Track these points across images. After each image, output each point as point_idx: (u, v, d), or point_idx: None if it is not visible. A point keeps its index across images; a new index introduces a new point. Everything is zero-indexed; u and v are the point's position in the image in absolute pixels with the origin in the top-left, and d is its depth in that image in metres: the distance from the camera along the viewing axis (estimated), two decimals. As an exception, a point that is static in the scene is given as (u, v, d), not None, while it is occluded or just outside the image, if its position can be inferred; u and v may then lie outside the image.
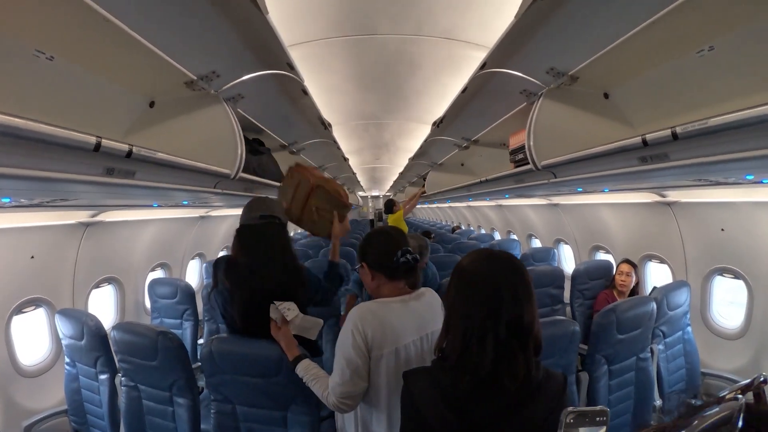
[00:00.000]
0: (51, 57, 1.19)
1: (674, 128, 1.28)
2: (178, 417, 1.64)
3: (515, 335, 0.83)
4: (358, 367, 1.14)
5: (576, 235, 4.07)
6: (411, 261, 1.23)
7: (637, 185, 2.09)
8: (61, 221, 2.38)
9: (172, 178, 1.44)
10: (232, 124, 1.72)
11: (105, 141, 0.97)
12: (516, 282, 0.85)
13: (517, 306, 0.83)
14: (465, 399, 0.83)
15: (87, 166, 1.07)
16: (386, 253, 1.23)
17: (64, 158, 1.00)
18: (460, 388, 0.83)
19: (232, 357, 1.42)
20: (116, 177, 1.15)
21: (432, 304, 1.28)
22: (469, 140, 3.12)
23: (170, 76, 1.58)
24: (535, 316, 0.86)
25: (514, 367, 0.82)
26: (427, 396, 0.85)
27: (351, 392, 1.15)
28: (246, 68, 1.72)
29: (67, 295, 2.52)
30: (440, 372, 0.86)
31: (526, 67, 1.89)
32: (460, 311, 0.87)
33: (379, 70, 2.59)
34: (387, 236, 1.28)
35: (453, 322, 0.88)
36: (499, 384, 0.82)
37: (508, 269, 0.87)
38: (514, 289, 0.84)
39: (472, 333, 0.83)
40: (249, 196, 2.42)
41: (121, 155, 1.05)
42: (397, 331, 1.17)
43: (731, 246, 2.44)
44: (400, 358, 1.17)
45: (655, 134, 1.37)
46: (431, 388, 0.85)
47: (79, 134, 0.92)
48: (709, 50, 1.30)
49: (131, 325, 1.75)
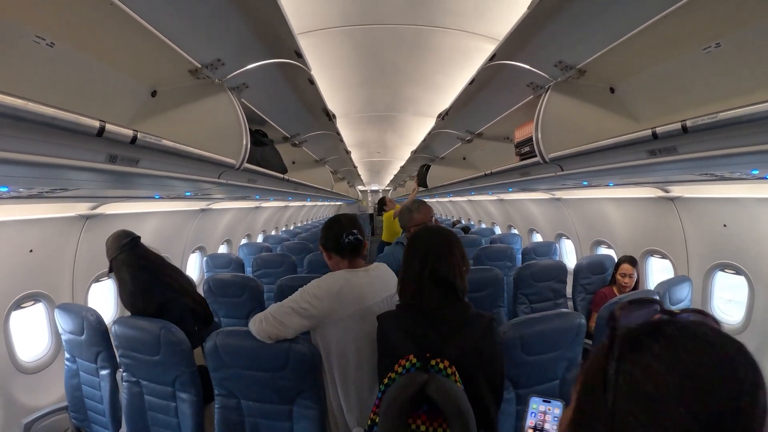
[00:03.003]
0: (51, 43, 1.15)
1: (684, 122, 1.27)
2: (181, 413, 1.63)
3: (436, 280, 1.19)
4: (296, 319, 1.38)
5: (578, 229, 4.07)
6: (354, 241, 1.51)
7: (644, 179, 2.08)
8: (60, 214, 2.34)
9: (177, 167, 1.41)
10: (237, 113, 1.68)
11: (109, 125, 0.94)
12: (438, 245, 1.23)
13: (437, 261, 1.20)
14: (416, 328, 1.17)
15: (89, 152, 1.03)
16: (336, 236, 1.51)
17: (66, 143, 0.96)
18: (412, 320, 1.19)
19: (238, 351, 1.41)
20: (119, 164, 1.11)
21: (384, 276, 1.56)
22: (473, 133, 3.10)
23: (174, 63, 1.54)
24: (453, 268, 1.21)
25: (429, 300, 1.18)
26: (393, 329, 1.20)
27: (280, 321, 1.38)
28: (252, 56, 1.68)
29: (67, 290, 2.49)
30: (400, 310, 1.24)
31: (535, 59, 1.87)
32: (407, 266, 1.24)
33: (387, 61, 2.54)
34: (337, 223, 1.54)
35: (404, 274, 1.25)
36: (438, 316, 1.17)
37: (435, 237, 1.26)
38: (435, 250, 1.21)
39: (413, 280, 1.21)
40: (253, 188, 2.39)
41: (126, 141, 1.01)
42: (363, 294, 1.44)
43: (733, 242, 2.44)
44: (365, 320, 1.40)
45: (665, 127, 1.36)
46: (395, 322, 1.21)
47: (82, 117, 0.88)
48: (716, 47, 1.30)
49: (133, 320, 1.72)
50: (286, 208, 7.88)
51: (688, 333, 0.41)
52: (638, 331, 0.43)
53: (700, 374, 0.38)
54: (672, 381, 0.38)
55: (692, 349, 0.39)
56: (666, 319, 0.44)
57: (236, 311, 2.70)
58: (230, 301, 2.74)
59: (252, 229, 6.10)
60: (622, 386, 0.40)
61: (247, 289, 2.74)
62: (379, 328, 1.25)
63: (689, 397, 0.37)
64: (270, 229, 7.31)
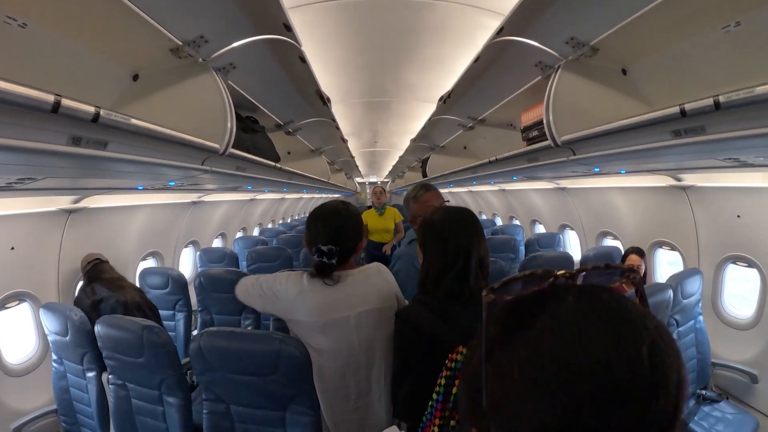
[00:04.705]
0: (24, 24, 1.03)
1: (717, 97, 1.17)
2: (169, 417, 1.53)
3: (478, 262, 1.13)
4: (257, 293, 1.32)
5: (583, 220, 3.96)
6: (326, 259, 1.24)
7: (662, 164, 1.97)
8: (41, 208, 2.22)
9: (152, 151, 1.27)
10: (222, 94, 1.54)
11: (66, 101, 0.80)
12: (471, 224, 1.16)
13: (477, 243, 1.14)
14: (456, 316, 1.07)
15: (49, 133, 0.90)
16: (310, 243, 1.30)
17: (21, 123, 0.83)
18: (451, 308, 1.09)
19: (224, 353, 1.29)
20: (84, 147, 0.97)
21: (370, 286, 1.31)
22: (476, 119, 2.96)
23: (154, 41, 1.40)
24: (481, 249, 1.15)
25: (475, 284, 1.11)
26: (422, 314, 1.10)
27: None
28: (238, 33, 1.54)
29: (53, 288, 2.38)
30: (426, 297, 1.13)
31: (545, 36, 1.76)
32: (439, 252, 1.14)
33: (385, 40, 2.39)
34: (315, 223, 1.31)
35: (438, 261, 1.13)
36: (468, 297, 1.09)
37: (464, 216, 1.18)
38: (469, 231, 1.14)
39: (447, 266, 1.11)
40: (243, 177, 2.25)
41: (87, 119, 0.88)
42: (324, 308, 1.25)
43: (746, 233, 2.36)
44: (331, 332, 1.25)
45: (695, 104, 1.25)
46: (424, 309, 1.11)
47: (33, 91, 0.75)
48: (736, 26, 1.23)
49: (116, 319, 1.61)
50: (282, 200, 7.75)
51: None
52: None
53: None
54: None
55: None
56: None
57: (229, 307, 2.59)
58: (223, 296, 2.63)
59: (247, 222, 5.98)
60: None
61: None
62: (406, 327, 1.13)
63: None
64: (266, 222, 7.19)
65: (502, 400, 0.33)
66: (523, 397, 0.31)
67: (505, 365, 0.33)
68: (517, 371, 0.32)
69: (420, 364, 1.07)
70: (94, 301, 2.07)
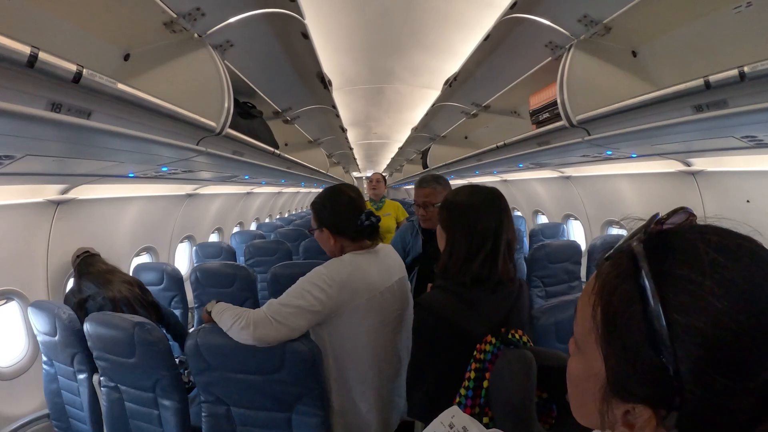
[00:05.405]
0: None
1: (741, 67, 1.15)
2: (165, 421, 1.42)
3: (507, 247, 1.05)
4: (306, 318, 1.16)
5: (588, 209, 3.89)
6: (375, 222, 1.29)
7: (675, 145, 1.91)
8: (26, 199, 2.09)
9: (142, 126, 1.15)
10: (219, 71, 1.44)
11: (44, 54, 0.69)
12: (500, 204, 1.08)
13: (507, 225, 1.06)
14: (482, 304, 1.02)
15: (26, 96, 0.79)
16: (349, 219, 1.27)
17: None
18: (477, 295, 1.02)
19: (223, 351, 1.20)
20: (65, 114, 0.87)
21: (393, 256, 1.40)
22: (480, 106, 2.87)
23: (147, 14, 1.30)
24: (509, 229, 1.07)
25: (504, 269, 1.05)
26: (446, 302, 1.01)
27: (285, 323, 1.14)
28: (236, 6, 1.43)
29: (41, 286, 2.25)
30: (449, 283, 1.05)
31: (557, 13, 1.71)
32: (457, 234, 1.06)
33: (389, 20, 2.28)
34: (348, 199, 1.30)
35: (455, 243, 1.05)
36: (494, 282, 1.03)
37: (487, 199, 1.08)
38: (497, 212, 1.06)
39: (474, 251, 1.03)
40: (240, 162, 2.14)
41: (67, 78, 0.77)
42: (374, 279, 1.25)
43: (756, 219, 2.29)
44: (379, 309, 1.24)
45: (720, 75, 1.21)
46: (448, 296, 1.02)
47: (7, 40, 0.65)
48: (747, 6, 1.24)
49: (105, 316, 1.51)
50: (280, 194, 7.62)
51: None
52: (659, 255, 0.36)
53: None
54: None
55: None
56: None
57: (227, 302, 2.48)
58: (219, 291, 2.54)
59: (244, 216, 5.85)
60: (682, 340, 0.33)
61: (237, 279, 2.53)
62: (429, 317, 1.02)
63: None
64: (263, 216, 7.06)
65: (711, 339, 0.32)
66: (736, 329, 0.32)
67: (698, 299, 0.33)
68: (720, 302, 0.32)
69: (442, 357, 0.99)
70: (80, 299, 1.95)
